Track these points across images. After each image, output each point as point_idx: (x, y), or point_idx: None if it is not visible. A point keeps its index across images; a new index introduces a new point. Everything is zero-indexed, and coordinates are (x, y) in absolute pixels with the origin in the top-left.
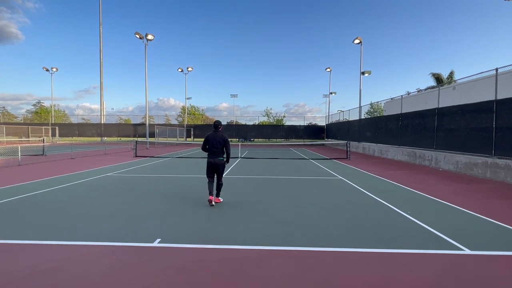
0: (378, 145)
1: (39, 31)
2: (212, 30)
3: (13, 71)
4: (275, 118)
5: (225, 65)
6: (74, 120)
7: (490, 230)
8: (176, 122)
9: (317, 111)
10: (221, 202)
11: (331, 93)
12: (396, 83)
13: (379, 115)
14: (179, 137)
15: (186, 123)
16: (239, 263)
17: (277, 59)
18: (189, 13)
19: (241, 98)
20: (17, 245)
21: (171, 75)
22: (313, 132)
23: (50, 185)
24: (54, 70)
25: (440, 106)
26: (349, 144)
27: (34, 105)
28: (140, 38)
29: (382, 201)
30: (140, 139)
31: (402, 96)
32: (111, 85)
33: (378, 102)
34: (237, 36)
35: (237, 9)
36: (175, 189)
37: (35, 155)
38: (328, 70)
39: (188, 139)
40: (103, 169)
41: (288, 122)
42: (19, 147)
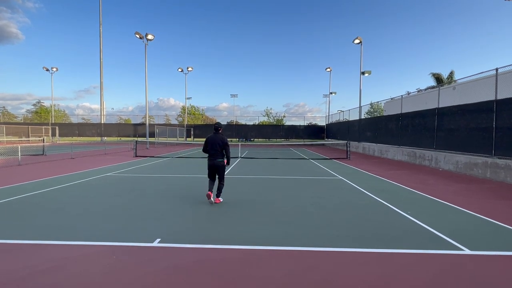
0: (378, 145)
1: (39, 31)
2: (212, 30)
3: (13, 71)
4: (275, 118)
5: (225, 65)
6: (74, 120)
7: (490, 230)
8: (176, 122)
9: (317, 111)
10: (221, 202)
11: (331, 93)
12: (396, 83)
13: (379, 115)
14: (179, 137)
15: (186, 123)
16: (239, 263)
17: (277, 59)
18: (189, 13)
19: (241, 98)
20: (17, 245)
21: (171, 75)
22: (313, 132)
23: (50, 185)
24: (54, 70)
25: (440, 106)
26: (349, 144)
27: (34, 105)
28: (140, 38)
29: (382, 201)
30: (140, 139)
31: (402, 96)
32: (111, 85)
33: (378, 102)
34: (237, 36)
35: (237, 9)
36: (175, 189)
37: (35, 155)
38: (328, 70)
39: (188, 139)
40: (103, 169)
41: (288, 122)
42: (19, 147)
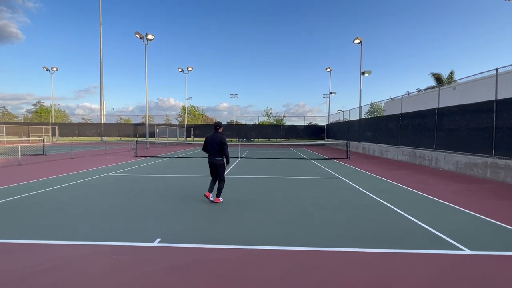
0: (378, 145)
1: (39, 31)
2: (212, 30)
3: (13, 70)
4: (275, 118)
5: (225, 65)
6: (74, 119)
7: (490, 230)
8: (176, 122)
9: (317, 111)
10: (221, 202)
11: (331, 93)
12: (396, 83)
13: (379, 115)
14: (179, 137)
15: (186, 123)
16: (238, 263)
17: (277, 59)
18: (189, 13)
19: (241, 98)
20: (16, 245)
21: (171, 75)
22: (313, 132)
23: (50, 185)
24: (54, 69)
25: (440, 106)
26: (349, 144)
27: (34, 104)
28: (140, 38)
29: (382, 201)
30: (140, 139)
31: (402, 96)
32: (111, 85)
33: (378, 102)
34: (237, 36)
35: (237, 9)
36: (175, 189)
37: (35, 155)
38: (328, 70)
39: (188, 139)
40: (103, 169)
41: (288, 122)
42: (19, 146)
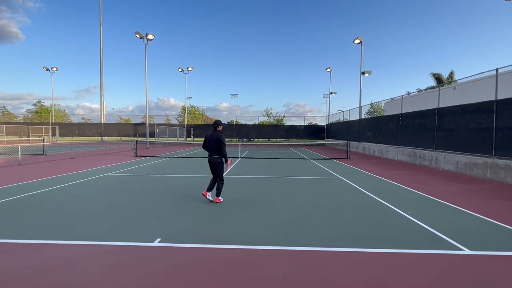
0: (378, 145)
1: (40, 31)
2: (212, 30)
3: (14, 70)
4: (275, 118)
5: (225, 65)
6: (74, 119)
7: (490, 230)
8: (176, 122)
9: (317, 111)
10: (221, 201)
11: (331, 93)
12: (396, 83)
13: (379, 115)
14: (179, 137)
15: (186, 123)
16: (239, 263)
17: (277, 59)
18: (189, 13)
19: (241, 98)
20: (16, 245)
21: (171, 75)
22: (313, 132)
23: (50, 185)
24: (54, 69)
25: (440, 106)
26: (349, 144)
27: (34, 104)
28: (140, 37)
29: (382, 201)
30: (140, 139)
31: (402, 96)
32: (112, 85)
33: (378, 102)
34: (237, 36)
35: (237, 9)
36: (175, 188)
37: (35, 155)
38: (328, 70)
39: (188, 139)
40: (103, 169)
41: (288, 122)
42: (19, 146)
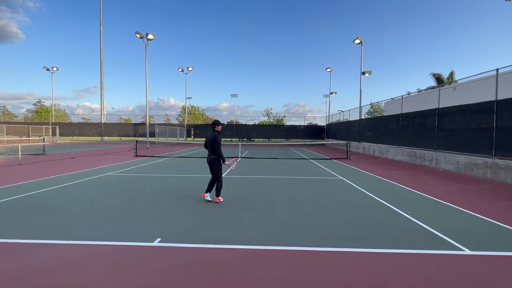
0: (378, 145)
1: (40, 31)
2: (212, 30)
3: (14, 70)
4: (275, 118)
5: (225, 65)
6: (74, 119)
7: (490, 230)
8: (176, 121)
9: (317, 111)
10: (221, 201)
11: (331, 93)
12: (396, 83)
13: (379, 115)
14: (179, 137)
15: (186, 122)
16: (239, 263)
17: (277, 59)
18: (189, 13)
19: (241, 98)
20: (16, 245)
21: (171, 75)
22: (313, 132)
23: (50, 185)
24: (54, 69)
25: (440, 106)
26: (349, 144)
27: (34, 104)
28: (140, 37)
29: (382, 201)
30: (140, 139)
31: (402, 96)
32: (112, 85)
33: (378, 102)
34: (237, 36)
35: (237, 9)
36: (175, 188)
37: (35, 155)
38: (328, 70)
39: (188, 138)
40: (103, 169)
41: (288, 122)
42: (20, 146)
